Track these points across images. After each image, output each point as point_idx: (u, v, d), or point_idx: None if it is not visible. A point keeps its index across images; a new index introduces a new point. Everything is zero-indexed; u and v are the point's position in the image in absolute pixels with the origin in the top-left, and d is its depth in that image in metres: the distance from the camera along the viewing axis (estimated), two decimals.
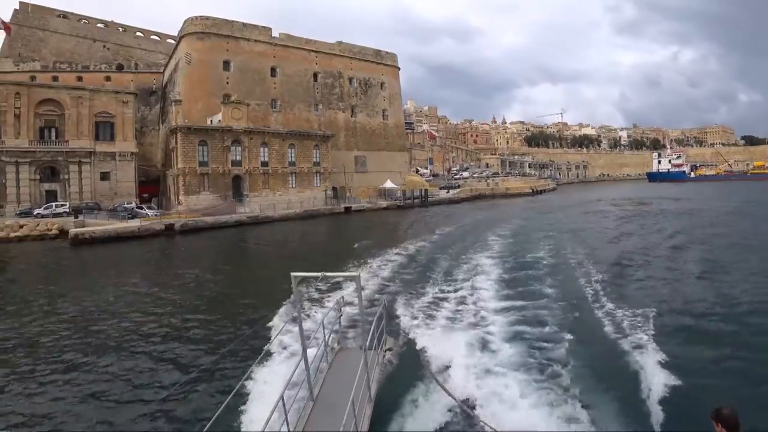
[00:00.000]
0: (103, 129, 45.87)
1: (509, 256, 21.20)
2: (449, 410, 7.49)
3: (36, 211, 39.72)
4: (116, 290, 17.52)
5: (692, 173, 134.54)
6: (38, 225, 36.24)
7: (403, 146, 70.97)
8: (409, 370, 8.88)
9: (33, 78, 62.66)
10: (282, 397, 5.45)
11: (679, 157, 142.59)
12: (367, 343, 6.83)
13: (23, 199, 42.05)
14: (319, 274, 6.10)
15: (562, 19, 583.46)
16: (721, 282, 15.66)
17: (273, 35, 57.61)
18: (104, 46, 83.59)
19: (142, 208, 40.99)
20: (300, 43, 59.54)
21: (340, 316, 8.91)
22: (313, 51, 60.24)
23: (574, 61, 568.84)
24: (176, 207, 42.67)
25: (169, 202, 46.09)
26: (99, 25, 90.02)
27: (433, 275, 18.03)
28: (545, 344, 10.26)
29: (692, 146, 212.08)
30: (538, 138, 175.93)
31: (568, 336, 10.60)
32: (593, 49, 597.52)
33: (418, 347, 10.01)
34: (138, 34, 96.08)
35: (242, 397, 7.98)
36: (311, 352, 7.06)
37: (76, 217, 38.63)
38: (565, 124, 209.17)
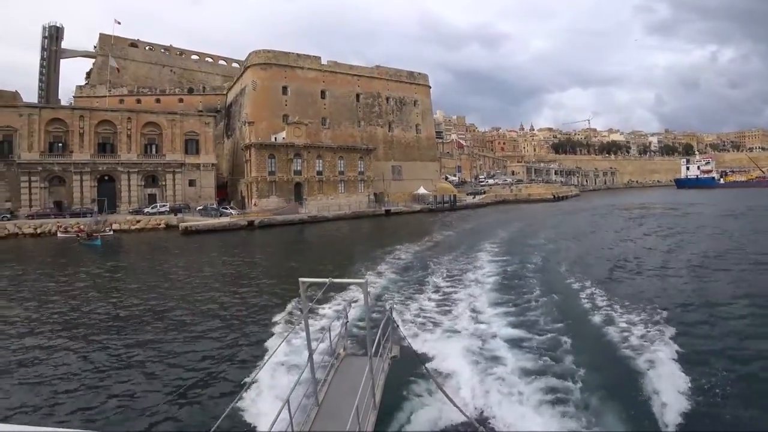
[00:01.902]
0: (191, 145, 57.78)
1: (510, 249, 27.80)
2: (453, 418, 7.67)
3: (145, 210, 51.66)
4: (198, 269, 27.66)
5: (722, 179, 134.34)
6: (150, 221, 47.86)
7: (434, 156, 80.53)
8: (414, 378, 9.10)
9: (121, 101, 76.44)
10: (288, 401, 5.58)
11: (707, 163, 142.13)
12: (373, 350, 6.89)
13: (132, 200, 54.20)
14: (326, 280, 6.34)
15: (591, 22, 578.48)
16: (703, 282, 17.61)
17: (322, 63, 68.66)
18: (171, 70, 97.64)
19: (226, 209, 52.21)
20: (344, 69, 70.39)
21: (346, 323, 9.02)
22: (355, 75, 70.96)
23: (605, 65, 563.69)
24: (250, 208, 53.66)
25: (241, 204, 57.23)
26: (162, 51, 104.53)
27: (442, 268, 21.30)
28: (549, 351, 10.53)
29: (728, 151, 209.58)
30: (565, 145, 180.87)
31: (572, 341, 10.99)
32: (625, 51, 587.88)
33: (423, 355, 10.16)
34: (194, 57, 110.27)
35: (248, 399, 8.34)
36: (317, 357, 7.23)
37: (175, 215, 50.17)
38: (594, 130, 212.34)
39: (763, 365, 9.78)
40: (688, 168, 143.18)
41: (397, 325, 9.34)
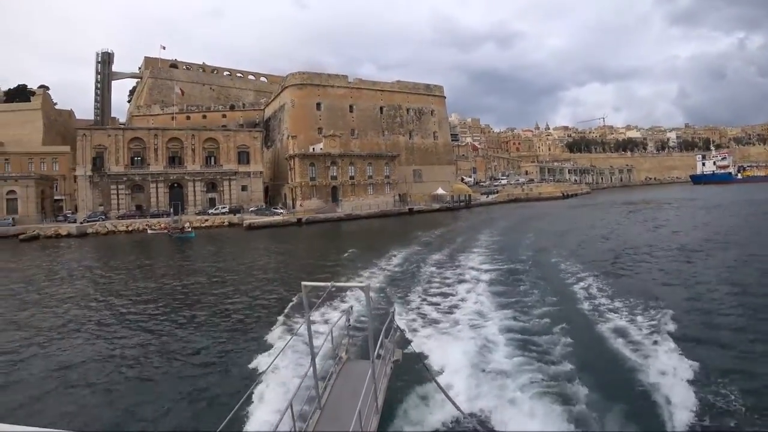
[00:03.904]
0: (243, 156, 70.50)
1: (507, 234, 40.59)
2: (456, 422, 7.99)
3: (209, 211, 64.44)
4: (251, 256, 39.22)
5: (739, 174, 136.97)
6: (215, 220, 60.42)
7: (450, 160, 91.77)
8: (417, 381, 9.42)
9: (173, 118, 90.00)
10: (291, 405, 5.80)
11: (724, 158, 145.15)
12: (375, 354, 7.01)
13: (197, 203, 67.08)
14: (328, 284, 6.64)
15: (609, 15, 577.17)
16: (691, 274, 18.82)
17: (349, 81, 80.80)
18: (211, 88, 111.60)
19: (277, 209, 64.56)
20: (369, 85, 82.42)
21: (348, 326, 9.23)
22: (378, 90, 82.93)
23: (624, 58, 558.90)
24: (296, 208, 65.83)
25: (286, 205, 69.49)
26: (199, 69, 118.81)
27: (452, 260, 24.95)
28: (552, 353, 10.93)
29: (753, 144, 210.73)
30: (579, 143, 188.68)
31: (573, 343, 11.42)
32: (645, 44, 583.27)
33: (425, 358, 10.47)
34: (225, 73, 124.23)
35: (251, 402, 8.79)
36: (320, 360, 7.53)
37: (234, 214, 62.67)
38: (610, 127, 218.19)
39: None
40: (704, 164, 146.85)
41: (400, 329, 9.77)
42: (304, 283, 6.54)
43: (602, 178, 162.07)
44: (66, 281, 25.83)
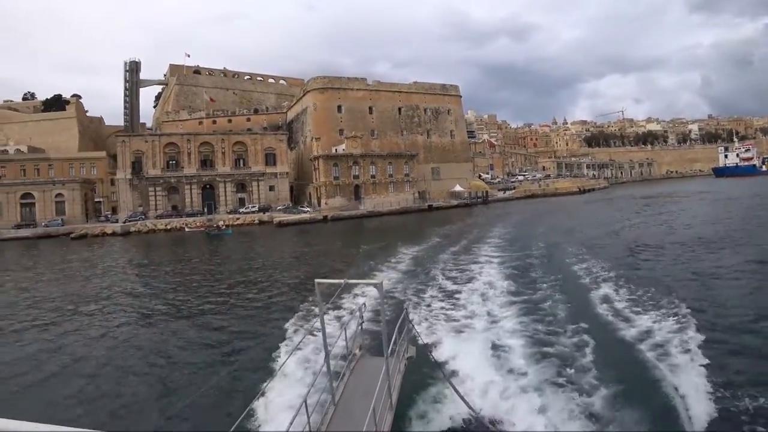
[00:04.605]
0: (270, 158, 75.30)
1: (520, 227, 44.04)
2: (469, 421, 8.09)
3: (240, 210, 69.37)
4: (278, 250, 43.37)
5: (764, 167, 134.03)
6: (246, 218, 65.18)
7: (467, 158, 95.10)
8: (430, 379, 9.61)
9: (200, 122, 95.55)
10: (305, 401, 5.89)
11: (747, 150, 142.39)
12: (389, 351, 7.07)
13: (228, 203, 72.11)
14: (342, 281, 6.77)
15: (625, 3, 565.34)
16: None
17: (368, 83, 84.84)
18: (233, 92, 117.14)
19: (303, 207, 69.10)
20: (387, 87, 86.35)
21: (361, 322, 9.32)
22: (396, 91, 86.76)
23: (644, 48, 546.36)
24: (321, 206, 70.25)
25: (311, 203, 73.99)
26: (221, 75, 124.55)
27: (466, 254, 25.96)
28: (568, 354, 10.80)
29: None
30: (598, 138, 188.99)
31: (591, 340, 11.36)
32: (664, 32, 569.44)
33: (439, 355, 10.59)
34: (246, 77, 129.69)
35: (266, 398, 8.95)
36: (333, 357, 7.63)
37: (264, 213, 67.39)
38: (630, 120, 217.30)
39: None
40: (726, 156, 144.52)
41: (413, 326, 9.87)
42: (317, 280, 6.72)
43: (621, 173, 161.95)
44: (120, 271, 30.61)
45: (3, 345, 15.06)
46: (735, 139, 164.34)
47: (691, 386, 8.76)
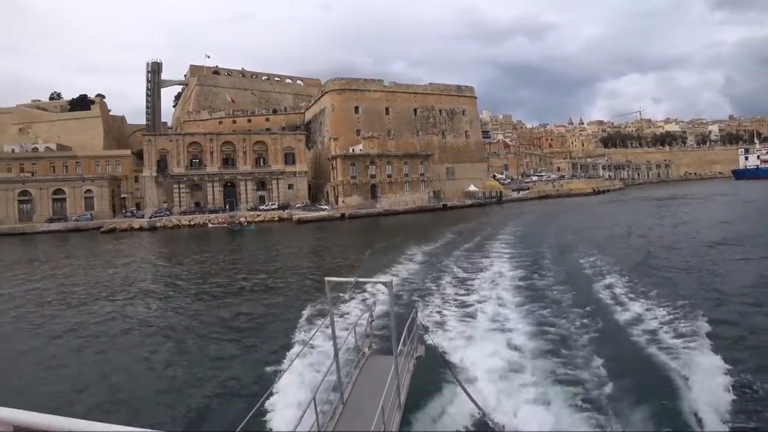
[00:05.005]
0: (289, 157, 77.88)
1: (531, 226, 45.69)
2: (478, 421, 8.14)
3: (260, 207, 72.04)
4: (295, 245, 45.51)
5: None
6: (266, 215, 67.75)
7: (482, 158, 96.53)
8: (439, 379, 9.67)
9: (221, 122, 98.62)
10: (314, 399, 5.93)
11: None
12: (398, 350, 7.12)
13: (249, 201, 74.87)
14: (352, 279, 6.89)
15: (645, 2, 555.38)
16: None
17: (384, 84, 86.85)
18: (252, 93, 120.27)
19: (322, 205, 71.48)
20: (403, 88, 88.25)
21: (371, 321, 9.38)
22: (412, 92, 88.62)
23: (665, 47, 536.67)
24: (338, 204, 72.53)
25: (328, 202, 76.34)
26: (239, 75, 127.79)
27: (478, 252, 27.31)
28: (578, 355, 10.86)
29: None
30: (614, 138, 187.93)
31: (601, 342, 11.48)
32: (685, 30, 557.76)
33: (448, 355, 10.77)
34: (264, 78, 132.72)
35: (275, 396, 9.04)
36: (342, 355, 7.61)
37: (283, 210, 69.92)
38: (648, 120, 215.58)
39: None
40: (746, 158, 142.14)
41: (423, 325, 10.00)
42: (327, 278, 6.79)
43: (638, 174, 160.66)
44: (151, 263, 33.22)
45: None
46: (756, 141, 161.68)
47: (705, 389, 8.81)
